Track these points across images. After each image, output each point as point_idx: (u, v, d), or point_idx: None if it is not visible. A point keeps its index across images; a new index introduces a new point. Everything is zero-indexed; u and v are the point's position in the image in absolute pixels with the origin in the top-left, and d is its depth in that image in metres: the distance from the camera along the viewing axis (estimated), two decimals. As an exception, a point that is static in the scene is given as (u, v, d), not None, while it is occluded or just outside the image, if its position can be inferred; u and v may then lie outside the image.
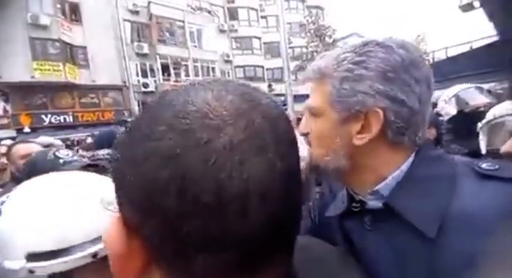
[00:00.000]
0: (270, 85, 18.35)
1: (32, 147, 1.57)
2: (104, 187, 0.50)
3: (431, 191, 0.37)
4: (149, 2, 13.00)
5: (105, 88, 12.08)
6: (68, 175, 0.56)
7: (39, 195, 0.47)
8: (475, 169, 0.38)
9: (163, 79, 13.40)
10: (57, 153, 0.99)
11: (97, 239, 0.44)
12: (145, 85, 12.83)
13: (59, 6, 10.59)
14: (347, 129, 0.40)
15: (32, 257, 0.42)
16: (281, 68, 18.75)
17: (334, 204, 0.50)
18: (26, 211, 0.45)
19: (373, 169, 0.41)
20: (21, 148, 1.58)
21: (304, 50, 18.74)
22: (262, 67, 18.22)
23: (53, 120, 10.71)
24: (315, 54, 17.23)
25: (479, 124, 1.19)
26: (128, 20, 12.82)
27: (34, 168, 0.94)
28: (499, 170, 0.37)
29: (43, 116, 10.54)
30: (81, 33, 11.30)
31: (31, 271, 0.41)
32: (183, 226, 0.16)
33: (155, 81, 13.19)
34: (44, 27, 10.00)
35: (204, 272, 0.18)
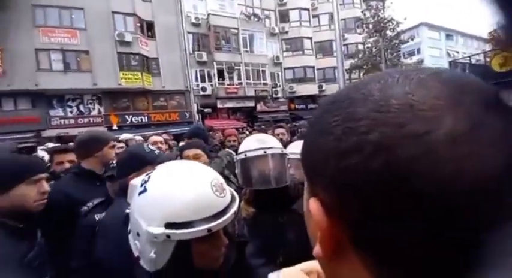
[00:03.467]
0: (320, 86, 17.84)
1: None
2: (212, 173, 0.63)
3: None
4: (209, 14, 14.46)
5: (171, 93, 14.11)
6: (187, 163, 0.67)
7: (173, 178, 0.58)
8: None
9: (219, 84, 14.72)
10: (150, 146, 1.24)
11: (211, 218, 0.56)
12: (204, 89, 14.37)
13: (138, 24, 12.89)
14: None
15: (169, 226, 0.53)
16: (333, 67, 17.81)
17: None
18: (166, 191, 0.56)
19: None
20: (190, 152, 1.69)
21: (361, 46, 17.47)
22: (313, 67, 17.90)
23: (133, 120, 13.11)
24: (374, 50, 15.88)
25: None
26: (191, 32, 14.55)
27: (136, 157, 1.13)
28: None
29: (126, 116, 13.02)
30: (154, 47, 13.47)
31: (168, 236, 0.53)
32: (392, 222, 0.16)
33: (211, 85, 14.62)
34: (128, 43, 12.34)
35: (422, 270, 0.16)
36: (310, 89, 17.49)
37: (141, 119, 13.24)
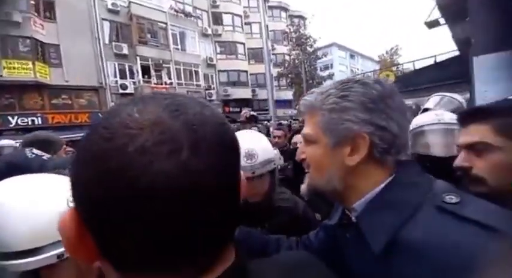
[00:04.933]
0: (253, 91, 18.51)
1: None
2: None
3: (391, 214, 0.42)
4: (130, 2, 12.71)
5: (79, 89, 11.49)
6: (36, 178, 0.57)
7: (11, 197, 0.50)
8: (438, 202, 0.40)
9: (144, 81, 13.06)
10: (35, 151, 1.02)
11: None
12: (124, 86, 12.39)
13: (32, 2, 10.03)
14: (339, 152, 0.47)
15: (3, 256, 0.47)
16: (264, 73, 19.06)
17: (334, 214, 0.58)
18: None
19: (360, 188, 0.47)
20: None
21: (287, 57, 19.19)
22: (246, 72, 18.34)
23: (20, 122, 9.98)
24: (296, 61, 17.69)
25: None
26: (106, 19, 12.41)
27: (14, 165, 0.95)
28: (459, 205, 0.38)
29: (10, 117, 9.79)
30: (54, 31, 10.73)
31: (2, 269, 0.46)
32: (105, 213, 0.20)
33: (134, 83, 12.80)
34: (16, 24, 9.40)
35: (126, 254, 0.21)
36: (244, 93, 17.82)
37: (32, 121, 10.24)
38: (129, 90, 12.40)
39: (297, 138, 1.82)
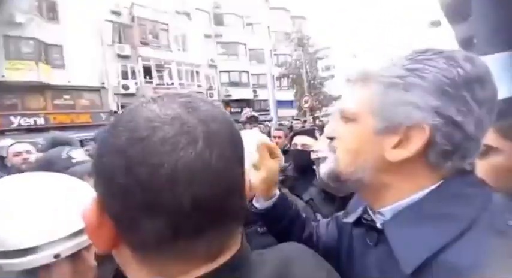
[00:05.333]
0: (254, 91, 18.50)
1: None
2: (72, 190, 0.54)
3: (433, 231, 0.33)
4: (132, 4, 12.77)
5: (80, 90, 11.55)
6: (35, 176, 0.57)
7: (8, 195, 0.50)
8: (500, 224, 0.31)
9: (146, 82, 13.10)
10: (70, 153, 1.05)
11: (59, 241, 0.48)
12: (126, 87, 12.42)
13: (36, 3, 10.10)
14: (382, 140, 0.36)
15: (1, 254, 0.46)
16: (266, 74, 19.03)
17: (353, 210, 0.49)
18: None
19: (396, 190, 0.37)
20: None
21: (289, 58, 19.18)
22: (247, 72, 18.34)
23: (22, 123, 10.04)
24: (298, 62, 17.70)
25: None
26: (110, 21, 12.48)
27: (47, 165, 0.98)
28: None
29: (12, 118, 9.87)
30: (57, 32, 10.80)
31: None
32: (129, 197, 0.23)
33: (136, 84, 12.83)
34: (18, 25, 9.47)
35: (146, 237, 0.24)
36: (245, 93, 17.80)
37: (35, 121, 10.30)
38: (131, 91, 12.46)
39: (298, 139, 1.80)
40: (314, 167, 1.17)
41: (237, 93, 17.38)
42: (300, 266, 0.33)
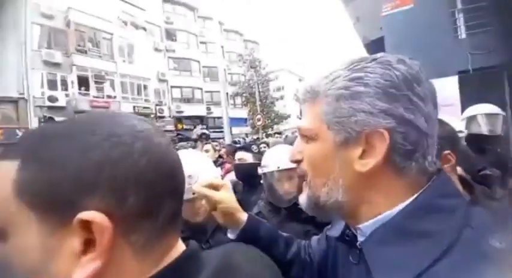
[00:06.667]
0: (208, 108, 18.28)
1: None
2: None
3: (413, 250, 0.31)
4: (69, 8, 11.46)
5: (-11, 100, 9.38)
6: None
7: None
8: (483, 244, 0.30)
9: (81, 94, 11.53)
10: None
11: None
12: (52, 99, 10.68)
13: None
14: (347, 153, 0.36)
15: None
16: (220, 92, 19.18)
17: (338, 225, 0.48)
18: None
19: (372, 205, 0.37)
20: None
21: (242, 77, 19.85)
22: (201, 89, 18.11)
23: None
24: (250, 81, 18.48)
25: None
26: (38, 23, 10.85)
27: None
28: (503, 253, 0.29)
29: None
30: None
31: None
32: (110, 171, 0.25)
33: (67, 95, 11.19)
34: None
35: (129, 210, 0.25)
36: (198, 110, 17.43)
37: None
38: (60, 103, 10.75)
39: (237, 155, 2.06)
40: (262, 181, 1.25)
41: (190, 110, 16.87)
42: (243, 255, 0.37)
